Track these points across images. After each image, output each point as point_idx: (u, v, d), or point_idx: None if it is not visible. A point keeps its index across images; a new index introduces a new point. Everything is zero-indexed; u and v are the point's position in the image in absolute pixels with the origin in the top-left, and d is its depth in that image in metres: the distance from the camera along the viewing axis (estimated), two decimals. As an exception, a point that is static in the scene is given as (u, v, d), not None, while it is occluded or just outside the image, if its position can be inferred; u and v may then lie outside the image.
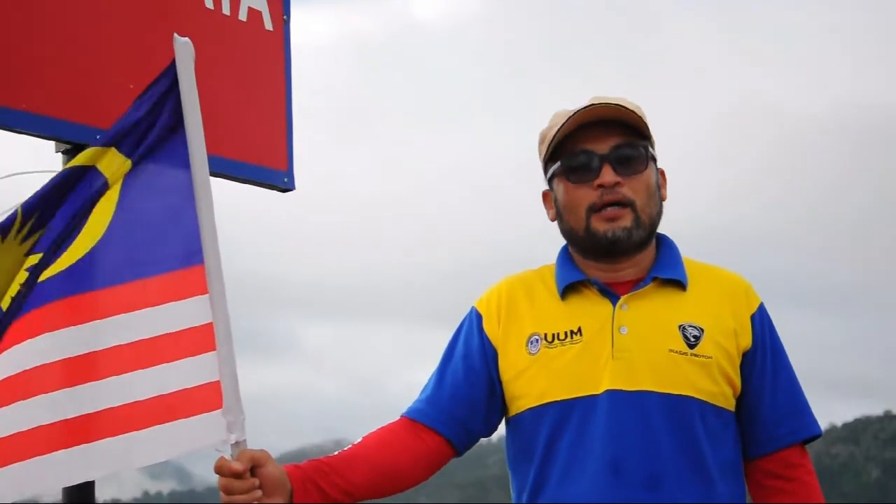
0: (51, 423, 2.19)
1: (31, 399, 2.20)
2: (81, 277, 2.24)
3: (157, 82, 2.32)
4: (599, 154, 2.43)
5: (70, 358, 2.21)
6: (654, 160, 2.51)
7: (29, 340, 2.22)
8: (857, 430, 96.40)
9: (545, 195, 2.57)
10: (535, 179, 2.62)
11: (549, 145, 2.50)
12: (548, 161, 2.53)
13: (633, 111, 2.45)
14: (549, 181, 2.54)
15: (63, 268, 2.24)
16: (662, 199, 2.52)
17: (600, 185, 2.41)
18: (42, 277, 2.23)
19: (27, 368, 2.20)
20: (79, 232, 2.26)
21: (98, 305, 2.24)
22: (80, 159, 2.30)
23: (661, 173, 2.54)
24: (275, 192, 3.12)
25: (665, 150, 2.57)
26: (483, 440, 2.59)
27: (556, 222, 2.55)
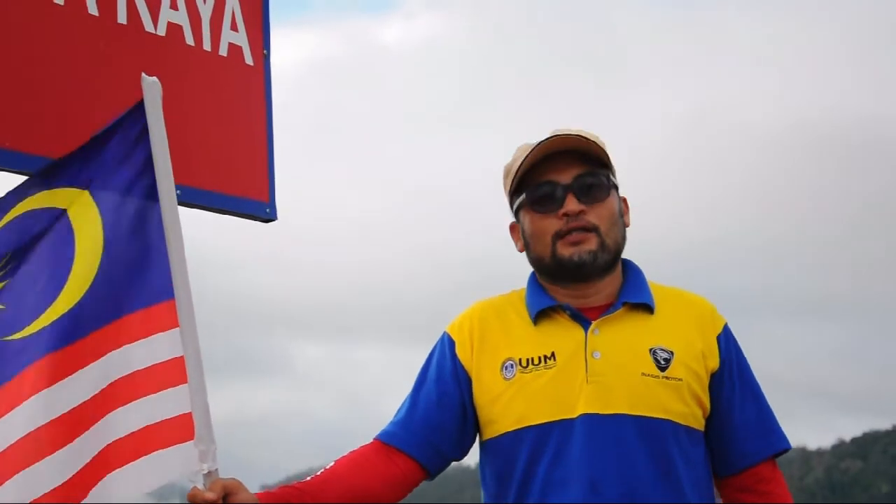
0: (51, 490, 2.22)
1: (31, 467, 2.23)
2: (69, 329, 2.29)
3: (124, 120, 2.37)
4: (563, 184, 2.50)
5: (61, 416, 2.25)
6: (616, 188, 2.58)
7: (22, 404, 2.25)
8: (865, 444, 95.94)
9: (512, 227, 2.64)
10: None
11: (514, 178, 2.56)
12: (513, 193, 2.59)
13: (593, 142, 2.51)
14: (516, 213, 2.61)
15: (51, 321, 2.29)
16: (626, 225, 2.59)
17: (565, 214, 2.49)
18: (23, 334, 2.28)
19: (22, 436, 2.23)
20: (62, 284, 2.30)
21: (83, 353, 2.29)
22: (42, 201, 2.35)
23: (624, 201, 2.61)
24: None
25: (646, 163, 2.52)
26: None
27: (524, 253, 2.61)
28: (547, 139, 2.52)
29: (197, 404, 2.29)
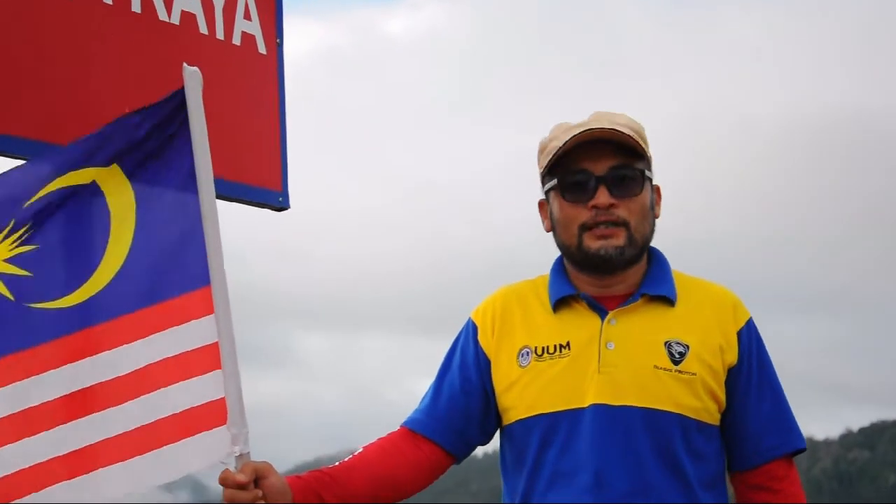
0: (64, 455, 2.25)
1: (43, 433, 2.25)
2: (99, 309, 2.30)
3: (160, 106, 2.36)
4: (596, 175, 2.46)
5: (83, 389, 2.27)
6: (651, 180, 2.53)
7: (44, 373, 2.27)
8: (873, 435, 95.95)
9: (541, 205, 2.60)
10: (519, 192, 2.65)
11: (548, 162, 2.52)
12: (545, 173, 2.55)
13: (630, 135, 2.46)
14: (546, 193, 2.57)
15: (83, 299, 2.30)
16: (656, 216, 2.55)
17: (595, 206, 2.45)
18: (53, 305, 2.29)
19: (37, 404, 2.26)
20: (96, 264, 2.31)
21: (113, 334, 2.30)
22: (77, 179, 2.34)
23: (657, 190, 2.57)
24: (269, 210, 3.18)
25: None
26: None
27: (550, 233, 2.58)
28: (584, 130, 2.47)
29: (230, 389, 2.29)
